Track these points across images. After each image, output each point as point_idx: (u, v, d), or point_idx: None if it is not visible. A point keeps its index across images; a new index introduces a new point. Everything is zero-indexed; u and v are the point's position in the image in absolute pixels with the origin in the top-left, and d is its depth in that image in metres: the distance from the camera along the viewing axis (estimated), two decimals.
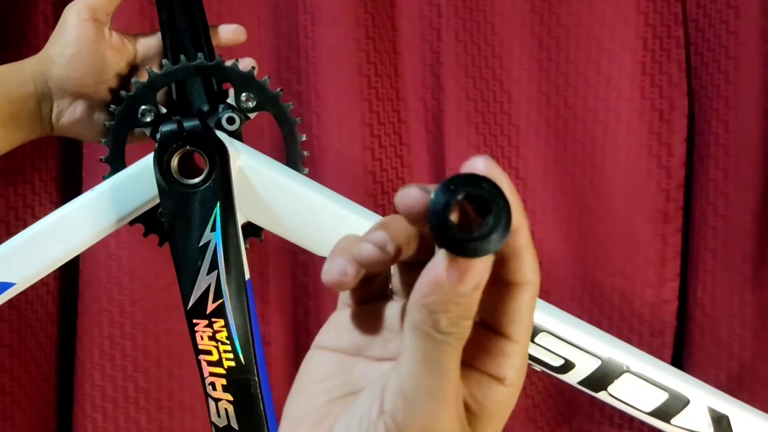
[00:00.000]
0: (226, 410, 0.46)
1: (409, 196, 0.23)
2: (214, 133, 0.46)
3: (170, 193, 0.43)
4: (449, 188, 0.21)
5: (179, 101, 0.51)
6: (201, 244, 0.43)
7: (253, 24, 0.77)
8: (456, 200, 0.21)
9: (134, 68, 0.53)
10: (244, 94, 0.51)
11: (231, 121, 0.50)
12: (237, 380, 0.46)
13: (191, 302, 0.44)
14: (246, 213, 0.46)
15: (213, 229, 0.43)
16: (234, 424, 0.47)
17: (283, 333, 0.83)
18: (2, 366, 0.74)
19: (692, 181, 0.78)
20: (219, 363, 0.45)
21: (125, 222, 0.45)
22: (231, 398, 0.47)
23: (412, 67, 0.79)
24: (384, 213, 0.79)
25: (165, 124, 0.46)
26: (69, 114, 0.51)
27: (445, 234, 0.21)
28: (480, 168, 0.22)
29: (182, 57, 0.50)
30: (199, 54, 0.50)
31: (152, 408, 0.76)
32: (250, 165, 0.47)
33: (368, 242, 0.24)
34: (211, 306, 0.44)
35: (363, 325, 0.28)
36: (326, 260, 0.25)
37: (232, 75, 0.51)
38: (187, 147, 0.44)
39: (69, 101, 0.51)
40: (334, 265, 0.25)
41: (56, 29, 0.50)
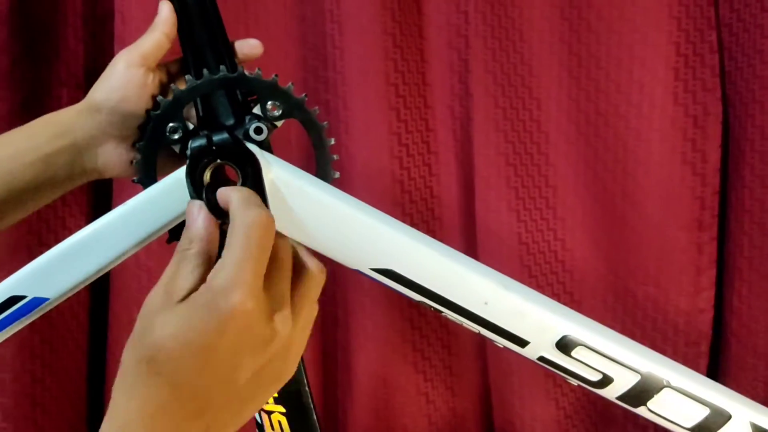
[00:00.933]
0: (280, 422, 0.46)
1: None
2: (244, 145, 0.45)
3: None
4: None
5: (205, 115, 0.51)
6: None
7: (280, 34, 0.78)
8: None
9: None
10: (270, 103, 0.50)
11: (259, 131, 0.50)
12: (288, 391, 0.45)
13: None
14: (277, 225, 0.46)
15: None
16: None
17: (310, 342, 0.82)
18: (34, 377, 0.74)
19: (727, 189, 0.77)
20: None
21: (158, 236, 0.45)
22: (283, 410, 0.46)
23: (440, 75, 0.78)
24: (412, 221, 0.78)
25: (194, 140, 0.46)
26: (115, 157, 0.52)
27: None
28: None
29: (205, 71, 0.50)
30: (222, 66, 0.50)
31: None
32: (281, 176, 0.46)
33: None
34: None
35: None
36: None
37: (256, 85, 0.50)
38: (218, 160, 0.44)
39: (113, 145, 0.52)
40: None
41: (102, 76, 0.51)
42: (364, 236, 0.47)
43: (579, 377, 0.49)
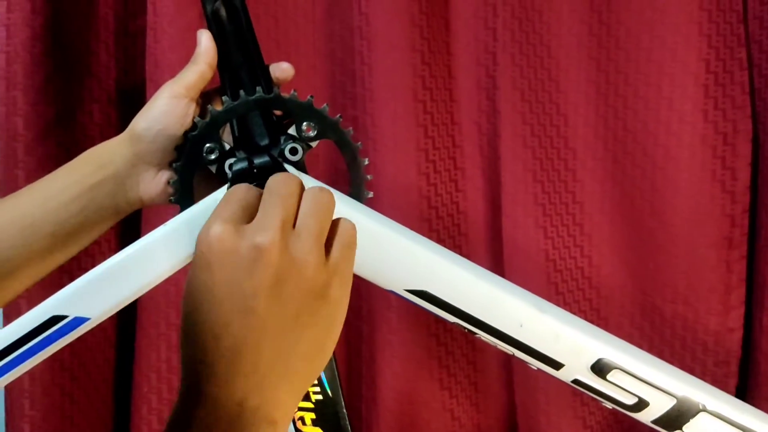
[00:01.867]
0: None
1: None
2: (284, 168, 0.46)
3: None
4: None
5: (241, 136, 0.52)
6: None
7: (309, 50, 0.78)
8: None
9: None
10: (305, 124, 0.51)
11: (294, 152, 0.50)
12: (326, 413, 0.46)
13: None
14: None
15: None
16: None
17: (337, 356, 0.82)
18: (63, 390, 0.75)
19: (757, 207, 0.76)
20: (307, 397, 0.45)
21: None
22: None
23: (467, 92, 0.78)
24: (438, 237, 0.78)
25: (236, 163, 0.46)
26: (155, 183, 0.53)
27: None
28: None
29: (241, 92, 0.50)
30: (258, 88, 0.51)
31: None
32: None
33: None
34: None
35: None
36: None
37: (292, 106, 0.51)
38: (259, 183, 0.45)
39: (153, 172, 0.53)
40: None
41: (145, 107, 0.52)
42: (400, 257, 0.47)
43: (614, 401, 0.49)
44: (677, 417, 0.48)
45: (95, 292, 0.42)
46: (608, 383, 0.48)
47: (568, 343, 0.48)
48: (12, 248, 0.49)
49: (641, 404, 0.48)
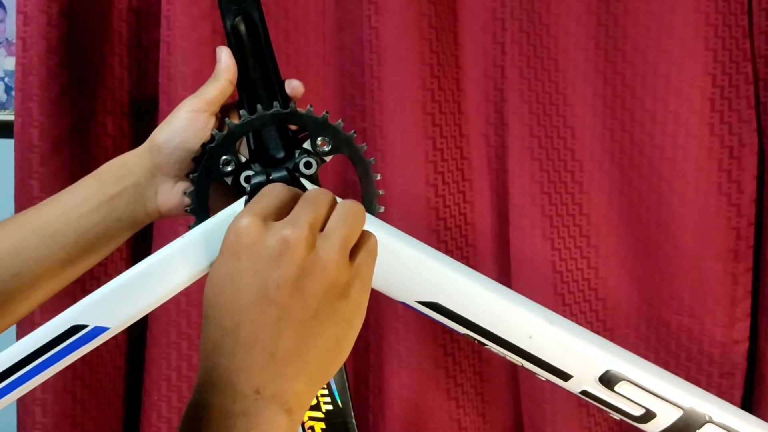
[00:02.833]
0: None
1: None
2: (300, 182, 0.47)
3: None
4: None
5: (257, 149, 0.53)
6: None
7: (319, 63, 0.79)
8: None
9: None
10: (320, 139, 0.52)
11: (308, 166, 0.51)
12: (335, 423, 0.46)
13: None
14: None
15: None
16: None
17: (344, 364, 0.83)
18: (75, 397, 0.76)
19: (762, 219, 0.77)
20: (317, 407, 0.45)
21: None
22: None
23: (476, 104, 0.79)
24: (446, 249, 0.79)
25: (254, 176, 0.47)
26: (172, 196, 0.54)
27: None
28: None
29: (258, 106, 0.51)
30: (275, 102, 0.52)
31: None
32: None
33: None
34: None
35: None
36: None
37: (308, 121, 0.52)
38: None
39: (171, 183, 0.54)
40: None
41: (166, 119, 0.53)
42: (412, 269, 0.48)
43: (621, 412, 0.49)
44: (684, 428, 0.49)
45: (115, 303, 0.43)
46: (616, 394, 0.49)
47: (577, 355, 0.48)
48: (34, 258, 0.50)
49: (648, 415, 0.49)
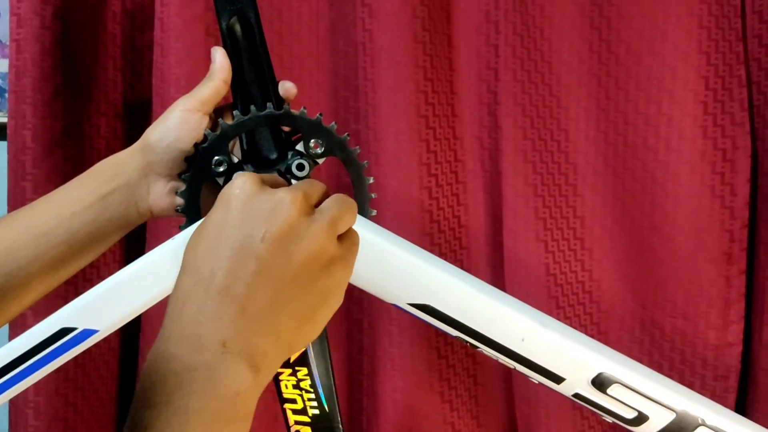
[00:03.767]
0: None
1: None
2: (291, 183, 0.46)
3: None
4: None
5: (250, 150, 0.52)
6: None
7: (313, 65, 0.79)
8: None
9: None
10: (313, 141, 0.52)
11: (301, 168, 0.51)
12: (322, 428, 0.46)
13: None
14: None
15: None
16: None
17: (336, 369, 0.83)
18: (67, 400, 0.75)
19: (756, 222, 0.77)
20: (304, 411, 0.45)
21: None
22: None
23: (469, 107, 0.79)
24: (440, 251, 0.79)
25: None
26: (164, 196, 0.54)
27: None
28: None
29: (252, 107, 0.51)
30: (268, 104, 0.51)
31: None
32: None
33: None
34: (295, 354, 0.44)
35: None
36: None
37: (301, 123, 0.52)
38: None
39: (163, 183, 0.54)
40: None
41: (159, 119, 0.53)
42: (403, 272, 0.47)
43: (614, 414, 0.49)
44: (676, 431, 0.49)
45: (104, 305, 0.43)
46: (609, 397, 0.49)
47: (570, 358, 0.48)
48: (26, 257, 0.50)
49: (641, 418, 0.49)
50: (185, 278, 0.38)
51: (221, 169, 0.50)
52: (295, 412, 0.46)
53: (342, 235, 0.41)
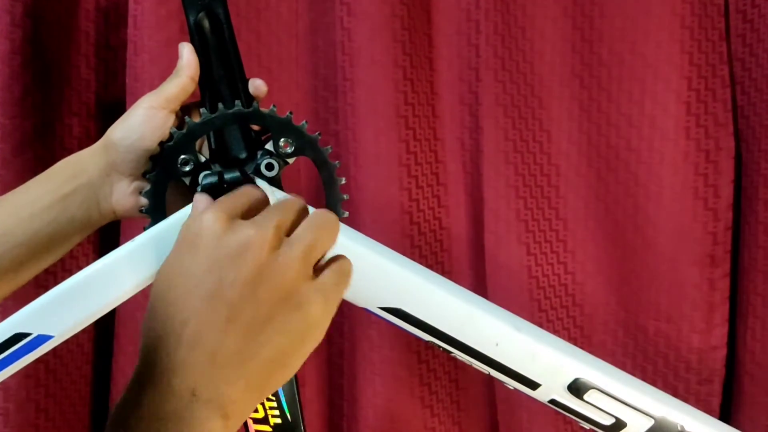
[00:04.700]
0: None
1: None
2: (255, 183, 0.45)
3: None
4: None
5: (218, 149, 0.51)
6: None
7: (292, 65, 0.78)
8: None
9: None
10: (282, 140, 0.50)
11: (270, 168, 0.50)
12: None
13: None
14: None
15: None
16: None
17: (317, 374, 0.82)
18: (38, 406, 0.74)
19: (740, 224, 0.76)
20: (265, 420, 0.44)
21: None
22: None
23: (450, 108, 0.78)
24: (420, 253, 0.78)
25: (205, 177, 0.45)
26: (127, 196, 0.52)
27: None
28: None
29: (220, 105, 0.50)
30: (237, 102, 0.50)
31: None
32: None
33: None
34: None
35: None
36: None
37: (270, 121, 0.50)
38: None
39: (126, 183, 0.52)
40: None
41: (123, 116, 0.51)
42: (373, 275, 0.46)
43: (591, 421, 0.48)
44: None
45: (59, 310, 0.42)
46: (585, 403, 0.48)
47: (545, 363, 0.47)
48: None
49: (619, 425, 0.48)
50: (157, 325, 0.37)
51: (187, 169, 0.49)
52: (257, 422, 0.44)
53: (326, 264, 0.39)
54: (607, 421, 0.48)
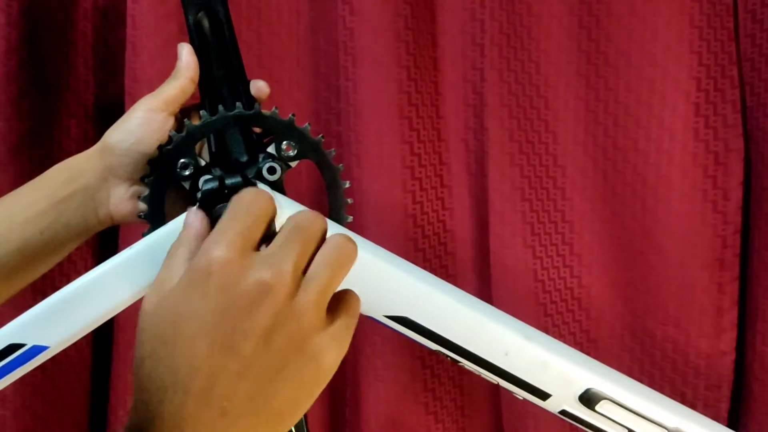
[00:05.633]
0: None
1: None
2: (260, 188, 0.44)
3: None
4: None
5: (218, 152, 0.50)
6: None
7: (293, 65, 0.77)
8: None
9: None
10: (285, 143, 0.49)
11: (272, 171, 0.49)
12: None
13: None
14: None
15: None
16: None
17: None
18: (36, 413, 0.72)
19: (750, 227, 0.75)
20: None
21: None
22: None
23: (454, 109, 0.77)
24: (424, 257, 0.76)
25: (206, 182, 0.44)
26: (125, 201, 0.51)
27: None
28: None
29: (220, 107, 0.48)
30: (238, 103, 0.49)
31: None
32: None
33: None
34: None
35: None
36: None
37: (272, 123, 0.49)
38: None
39: (124, 188, 0.51)
40: None
41: (120, 119, 0.50)
42: (379, 282, 0.45)
43: None
44: None
45: (54, 320, 0.40)
46: (597, 414, 0.46)
47: (556, 373, 0.46)
48: None
49: None
50: (162, 373, 0.34)
51: (187, 173, 0.48)
52: None
53: (337, 304, 0.37)
54: None
